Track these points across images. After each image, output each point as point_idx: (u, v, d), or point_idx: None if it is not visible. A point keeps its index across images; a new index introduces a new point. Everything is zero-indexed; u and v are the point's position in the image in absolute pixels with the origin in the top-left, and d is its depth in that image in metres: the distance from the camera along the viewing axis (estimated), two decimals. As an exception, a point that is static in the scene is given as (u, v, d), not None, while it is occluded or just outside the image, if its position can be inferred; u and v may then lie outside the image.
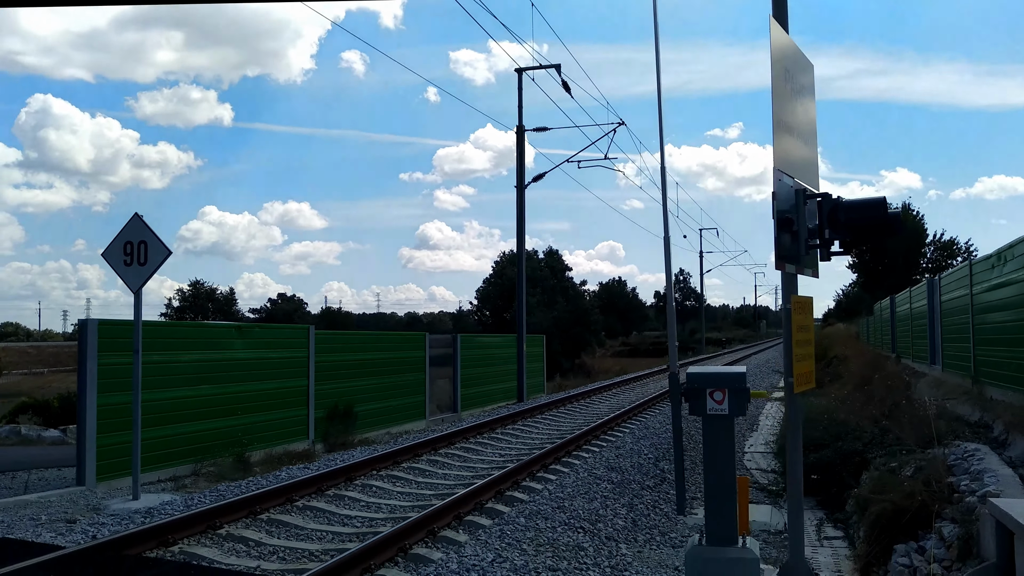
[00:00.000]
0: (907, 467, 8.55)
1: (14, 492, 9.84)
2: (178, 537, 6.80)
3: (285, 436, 13.76)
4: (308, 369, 14.54)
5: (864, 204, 5.08)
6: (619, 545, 7.80)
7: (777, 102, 4.93)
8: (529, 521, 7.87)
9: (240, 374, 12.85)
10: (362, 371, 16.24)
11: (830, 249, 5.52)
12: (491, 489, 8.79)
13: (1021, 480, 8.11)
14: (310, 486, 8.78)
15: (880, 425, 10.43)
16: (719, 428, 6.32)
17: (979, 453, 8.16)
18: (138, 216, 9.94)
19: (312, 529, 7.57)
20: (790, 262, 5.09)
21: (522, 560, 6.66)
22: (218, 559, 6.48)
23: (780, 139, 4.95)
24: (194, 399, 11.87)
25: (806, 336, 5.39)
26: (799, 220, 5.04)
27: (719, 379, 6.26)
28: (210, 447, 11.78)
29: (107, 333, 10.44)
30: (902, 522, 7.53)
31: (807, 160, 5.60)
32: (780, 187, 4.99)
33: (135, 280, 9.77)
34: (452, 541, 7.11)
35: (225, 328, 14.16)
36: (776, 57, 4.96)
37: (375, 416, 16.37)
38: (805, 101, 5.61)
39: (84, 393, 10.17)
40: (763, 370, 33.94)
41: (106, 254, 9.88)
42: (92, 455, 10.08)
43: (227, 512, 7.53)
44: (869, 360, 19.29)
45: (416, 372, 18.30)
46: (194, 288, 69.54)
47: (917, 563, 7.07)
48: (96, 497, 9.57)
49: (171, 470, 11.14)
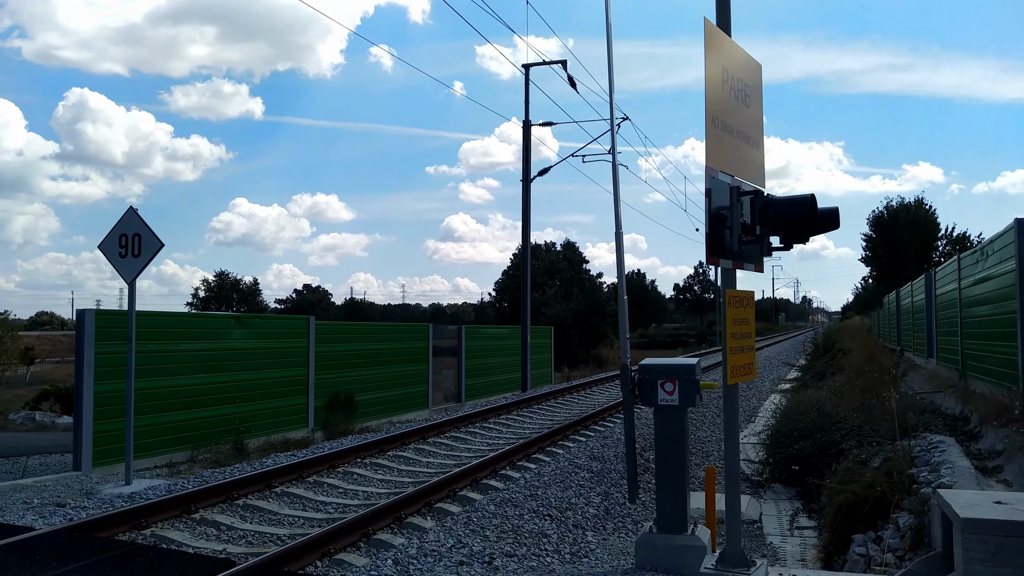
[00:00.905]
0: (876, 459, 8.63)
1: (13, 476, 10.22)
2: (152, 521, 7.07)
3: (284, 424, 14.08)
4: (308, 359, 14.84)
5: (791, 201, 5.21)
6: (586, 533, 7.97)
7: (711, 102, 5.06)
8: (498, 509, 8.07)
9: (238, 363, 13.17)
10: (364, 361, 16.53)
11: (771, 245, 5.67)
12: (467, 477, 8.99)
13: (980, 472, 8.19)
14: (291, 472, 9.04)
15: (860, 417, 10.48)
16: (670, 418, 6.50)
17: (943, 445, 8.23)
18: (133, 209, 10.24)
19: (285, 515, 7.83)
20: (724, 257, 5.23)
21: (481, 546, 6.86)
22: (187, 542, 6.74)
23: (714, 138, 5.08)
24: (192, 387, 12.21)
25: (744, 329, 5.52)
26: (732, 217, 5.17)
27: (670, 370, 6.44)
28: (207, 434, 12.12)
29: (104, 323, 10.78)
30: (862, 513, 7.64)
31: (749, 159, 5.71)
32: (714, 184, 5.13)
33: (129, 271, 10.07)
34: (417, 527, 7.33)
35: (224, 318, 14.48)
36: (711, 58, 5.08)
37: (377, 405, 16.66)
38: (748, 101, 5.71)
39: (81, 381, 10.52)
40: (773, 362, 33.83)
41: (102, 246, 10.20)
42: (88, 441, 10.44)
43: (204, 497, 7.80)
44: (868, 353, 19.24)
45: (419, 363, 18.57)
46: (219, 279, 70.48)
47: (872, 552, 7.19)
48: (91, 482, 9.91)
49: (167, 456, 11.49)
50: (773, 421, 13.91)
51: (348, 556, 6.44)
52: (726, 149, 5.25)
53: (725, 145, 5.22)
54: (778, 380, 27.77)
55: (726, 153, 5.25)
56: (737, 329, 5.38)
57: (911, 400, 11.25)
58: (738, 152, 5.48)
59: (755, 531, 9.33)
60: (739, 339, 5.39)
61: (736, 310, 5.39)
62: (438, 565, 6.24)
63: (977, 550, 5.18)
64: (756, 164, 5.83)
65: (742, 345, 5.47)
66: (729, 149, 5.31)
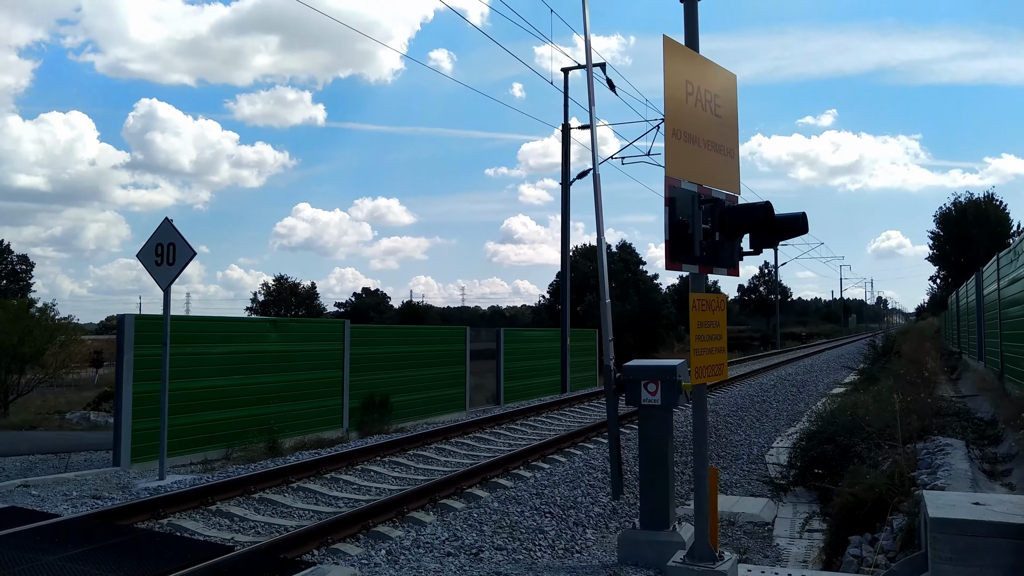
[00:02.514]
0: (885, 462, 8.57)
1: (57, 471, 10.86)
2: (170, 511, 7.52)
3: (319, 424, 14.56)
4: (343, 361, 15.31)
5: (746, 208, 5.34)
6: (586, 530, 8.14)
7: (671, 115, 5.22)
8: (502, 506, 8.30)
9: (273, 366, 13.69)
10: (399, 364, 16.93)
11: (742, 250, 5.80)
12: (477, 475, 9.25)
13: (988, 475, 8.09)
14: (309, 469, 9.43)
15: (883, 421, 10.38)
16: (653, 418, 6.67)
17: (949, 448, 8.15)
18: (168, 220, 10.81)
19: (297, 508, 8.21)
20: (688, 262, 5.38)
21: (474, 539, 7.11)
22: (199, 531, 7.16)
23: (675, 149, 5.24)
24: (227, 388, 12.76)
25: (712, 331, 5.64)
26: (695, 224, 5.32)
27: (653, 371, 6.62)
28: (242, 433, 12.64)
29: (142, 327, 11.37)
30: (860, 515, 7.64)
31: (721, 167, 5.81)
32: (678, 193, 5.29)
33: (164, 278, 10.63)
34: (417, 521, 7.61)
35: (259, 322, 15.07)
36: (671, 73, 5.24)
37: (413, 407, 17.05)
38: (720, 112, 5.82)
39: (121, 382, 11.13)
40: (832, 366, 33.16)
41: (140, 255, 10.79)
42: (127, 438, 11.03)
43: (222, 490, 8.24)
44: (915, 357, 18.82)
45: (456, 365, 18.91)
46: (279, 283, 72.39)
47: (866, 554, 7.20)
48: (128, 477, 10.49)
49: (203, 454, 12.02)
50: (806, 425, 13.82)
51: (345, 546, 6.76)
52: (690, 159, 5.38)
53: (688, 155, 5.35)
54: (833, 384, 27.25)
55: (690, 163, 5.37)
56: (703, 331, 5.51)
57: (938, 404, 11.06)
58: (706, 161, 5.60)
59: (766, 533, 9.35)
60: (705, 340, 5.51)
61: (703, 313, 5.52)
62: (426, 556, 6.51)
63: (945, 549, 5.22)
64: (729, 172, 5.92)
65: (709, 347, 5.59)
66: (694, 159, 5.44)
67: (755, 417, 17.08)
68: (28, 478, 9.98)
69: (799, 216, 5.60)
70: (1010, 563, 5.03)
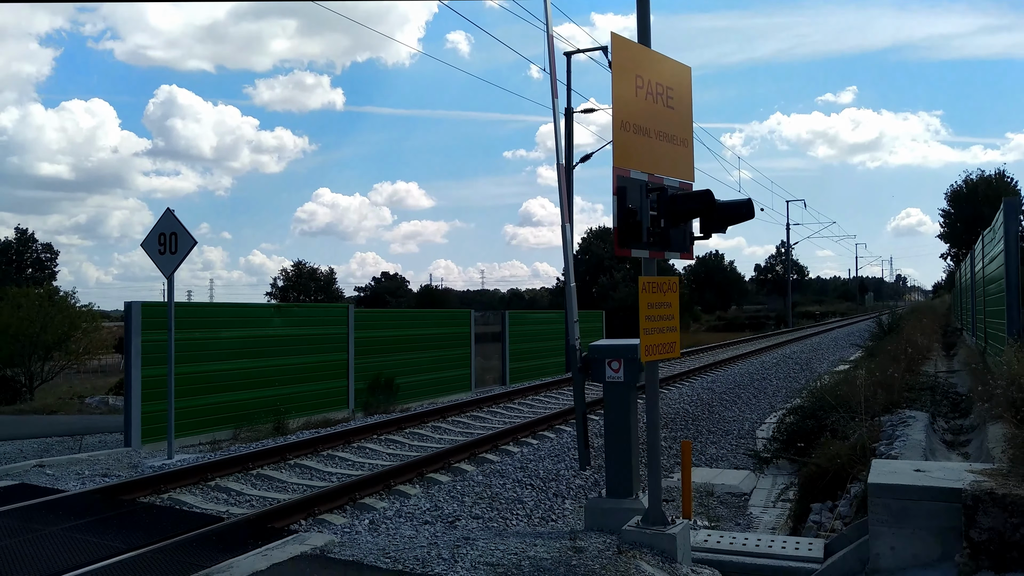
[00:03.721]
0: (855, 433, 8.91)
1: (72, 451, 11.44)
2: (171, 487, 8.03)
3: (325, 406, 15.08)
4: (348, 344, 15.81)
5: (688, 196, 5.70)
6: (564, 501, 8.58)
7: (619, 109, 5.56)
8: (485, 479, 8.75)
9: (279, 349, 14.20)
10: (404, 346, 17.42)
11: (693, 235, 6.16)
12: (465, 451, 9.70)
13: (948, 445, 8.42)
14: (307, 447, 9.93)
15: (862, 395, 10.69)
16: (616, 393, 7.07)
17: (912, 421, 8.47)
18: (170, 211, 11.29)
19: (293, 483, 8.70)
20: (637, 247, 5.75)
21: (453, 509, 7.56)
22: (197, 504, 7.65)
23: (623, 140, 5.59)
24: (234, 371, 13.29)
25: (661, 312, 6.00)
26: (643, 211, 5.69)
27: (615, 350, 7.02)
28: (249, 414, 13.17)
29: (149, 313, 11.90)
30: (823, 484, 8.00)
31: (675, 157, 6.14)
32: (628, 182, 5.65)
33: (168, 266, 11.13)
34: (403, 493, 8.07)
35: (264, 307, 15.57)
36: (619, 69, 5.58)
37: (419, 388, 17.53)
38: (673, 103, 6.14)
39: (130, 366, 11.68)
40: (841, 344, 33.29)
41: (144, 244, 11.29)
42: (137, 420, 11.58)
43: (222, 467, 8.74)
44: (912, 334, 19.02)
45: (461, 347, 19.37)
46: (297, 268, 73.25)
47: (825, 520, 7.59)
48: (138, 457, 11.04)
49: (211, 435, 12.57)
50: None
51: (331, 516, 7.23)
52: (640, 149, 5.72)
53: (638, 146, 5.70)
54: (838, 361, 27.42)
55: (640, 153, 5.72)
56: (653, 312, 5.87)
57: (915, 379, 11.36)
58: (659, 151, 5.93)
59: (742, 503, 9.74)
60: (655, 321, 5.88)
61: (653, 295, 5.88)
62: (405, 525, 6.97)
63: (882, 512, 5.59)
64: (683, 161, 6.25)
65: (659, 326, 5.95)
66: (644, 149, 5.78)
67: (752, 394, 17.42)
68: (44, 458, 10.54)
69: (744, 202, 5.94)
70: (941, 525, 5.38)
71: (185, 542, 5.82)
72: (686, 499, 8.88)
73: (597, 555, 5.52)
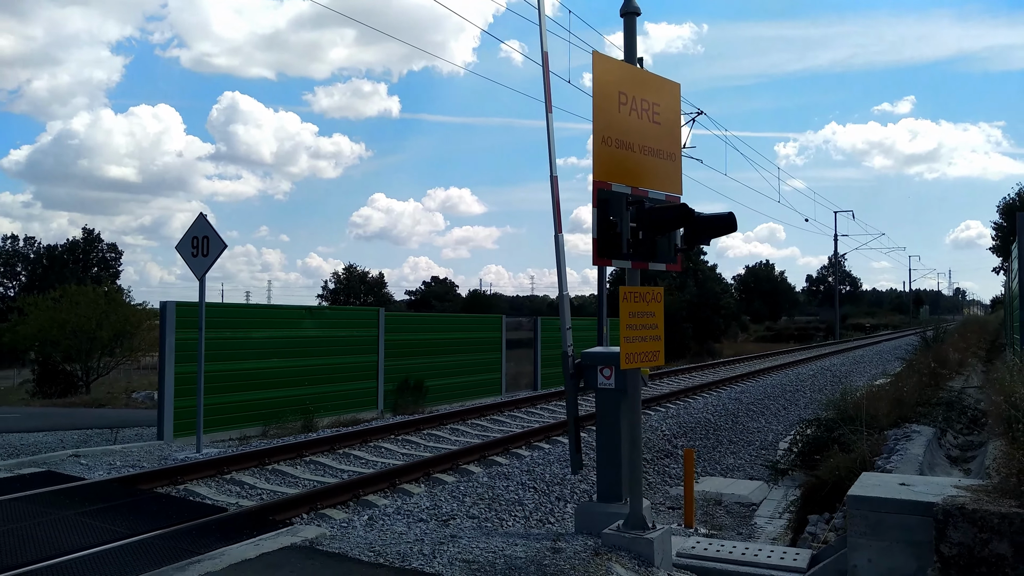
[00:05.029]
0: (859, 447, 8.89)
1: (108, 443, 12.00)
2: (187, 478, 8.43)
3: (354, 406, 15.48)
4: (378, 346, 16.19)
5: (663, 209, 5.85)
6: (566, 505, 8.73)
7: (600, 124, 5.75)
8: (490, 480, 8.96)
9: (310, 350, 14.65)
10: (435, 349, 17.77)
11: (677, 246, 6.31)
12: (475, 453, 9.93)
13: (952, 461, 8.36)
14: (324, 444, 10.27)
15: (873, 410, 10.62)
16: (608, 400, 7.23)
17: (915, 435, 8.44)
18: (202, 215, 11.78)
19: (305, 479, 9.03)
20: (617, 258, 5.92)
21: (451, 508, 7.79)
22: (209, 495, 8.03)
23: (604, 155, 5.77)
24: (265, 370, 13.76)
25: (645, 321, 6.15)
26: (622, 223, 5.86)
27: (607, 357, 7.19)
28: (279, 412, 13.61)
29: (183, 313, 12.41)
30: (822, 495, 8.03)
31: (660, 171, 6.28)
32: (609, 195, 5.83)
33: (199, 268, 11.61)
34: (406, 492, 8.33)
35: (296, 309, 16.02)
36: (600, 85, 5.77)
37: (448, 391, 17.84)
38: (659, 119, 6.29)
39: (164, 362, 12.20)
40: (885, 357, 32.65)
41: (178, 247, 11.79)
42: (170, 415, 12.10)
43: (239, 461, 9.13)
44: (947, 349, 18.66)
45: (492, 352, 19.65)
46: (348, 272, 74.54)
47: (819, 531, 7.62)
48: (169, 450, 11.52)
49: (241, 431, 13.03)
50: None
51: (332, 511, 7.53)
52: (622, 164, 5.89)
53: (620, 160, 5.87)
54: (879, 375, 26.96)
55: (622, 167, 5.89)
56: (635, 321, 6.03)
57: (933, 394, 11.24)
58: (643, 165, 6.09)
59: (748, 513, 9.77)
60: (636, 329, 6.03)
61: (635, 304, 6.04)
62: (400, 522, 7.22)
63: (860, 524, 5.67)
64: (669, 174, 6.38)
65: (643, 335, 6.10)
66: (628, 164, 5.94)
67: (781, 406, 17.29)
68: (80, 449, 11.10)
69: (725, 215, 6.07)
70: (916, 539, 5.43)
71: (187, 530, 6.16)
72: (688, 507, 9.00)
73: (572, 556, 5.68)
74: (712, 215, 5.99)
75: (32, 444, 12.47)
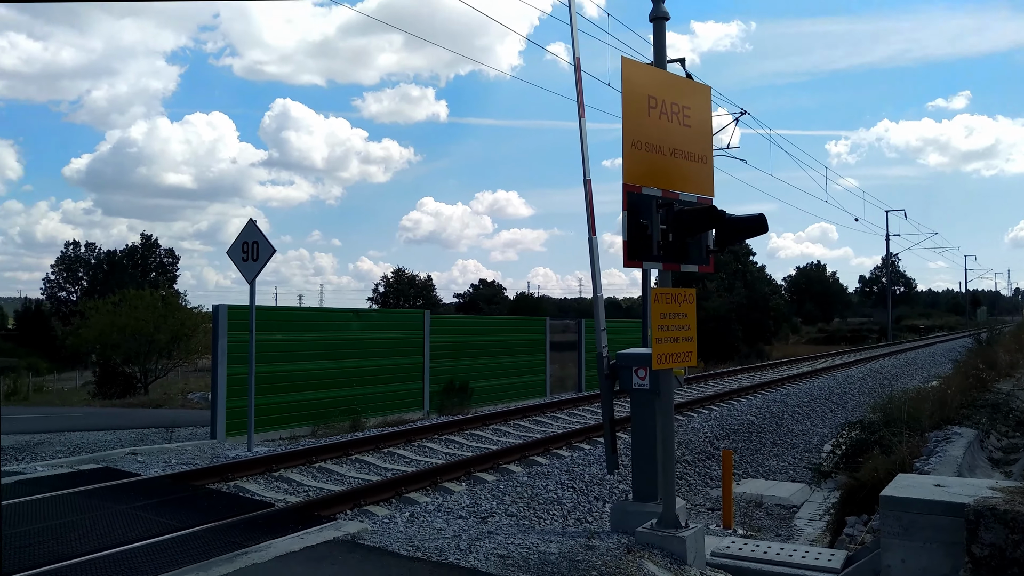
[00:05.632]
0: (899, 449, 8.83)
1: (164, 441, 12.46)
2: (237, 475, 8.76)
3: (401, 406, 15.78)
4: (423, 348, 16.48)
5: (694, 211, 5.93)
6: (605, 504, 8.84)
7: (629, 128, 5.87)
8: (530, 480, 9.11)
9: (357, 351, 14.99)
10: (480, 351, 18.01)
11: (708, 248, 6.39)
12: (516, 452, 10.10)
13: (993, 463, 8.25)
14: (369, 444, 10.55)
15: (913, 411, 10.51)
16: (642, 400, 7.34)
17: (956, 437, 8.35)
18: (252, 221, 12.17)
19: (350, 476, 9.31)
20: (648, 260, 6.03)
21: (490, 506, 7.96)
22: (257, 492, 8.33)
23: (633, 158, 5.89)
24: (314, 371, 14.14)
25: (677, 322, 6.25)
26: (653, 225, 5.97)
27: (642, 358, 7.30)
28: (327, 412, 13.98)
29: (235, 316, 12.83)
30: (861, 497, 8.01)
31: (692, 173, 6.37)
32: (636, 198, 5.95)
33: (249, 272, 12.00)
34: (447, 490, 8.54)
35: (343, 312, 16.40)
36: (629, 89, 5.90)
37: (493, 392, 18.06)
38: (690, 121, 6.38)
39: (217, 365, 12.63)
40: (938, 359, 31.91)
41: (229, 252, 12.20)
42: (223, 414, 12.52)
43: (287, 459, 9.44)
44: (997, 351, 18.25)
45: (536, 354, 19.81)
46: (397, 275, 75.43)
47: (857, 533, 7.62)
48: (222, 448, 11.93)
49: (291, 430, 13.42)
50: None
51: (375, 508, 7.77)
52: (652, 167, 5.99)
53: (649, 163, 5.97)
54: (931, 377, 26.40)
55: (652, 170, 5.99)
56: (667, 322, 6.13)
57: (979, 396, 11.06)
58: (673, 168, 6.19)
59: (789, 515, 9.76)
60: (668, 331, 6.13)
61: (666, 305, 6.14)
62: (439, 519, 7.42)
63: (892, 525, 5.70)
64: (701, 177, 6.46)
65: (674, 336, 6.20)
66: (657, 167, 6.04)
67: (827, 408, 17.11)
68: (137, 447, 11.56)
69: (756, 217, 6.14)
70: (949, 539, 5.45)
71: (235, 524, 6.45)
72: (726, 508, 9.04)
73: (604, 553, 5.81)
74: (743, 216, 6.06)
75: (92, 442, 12.98)
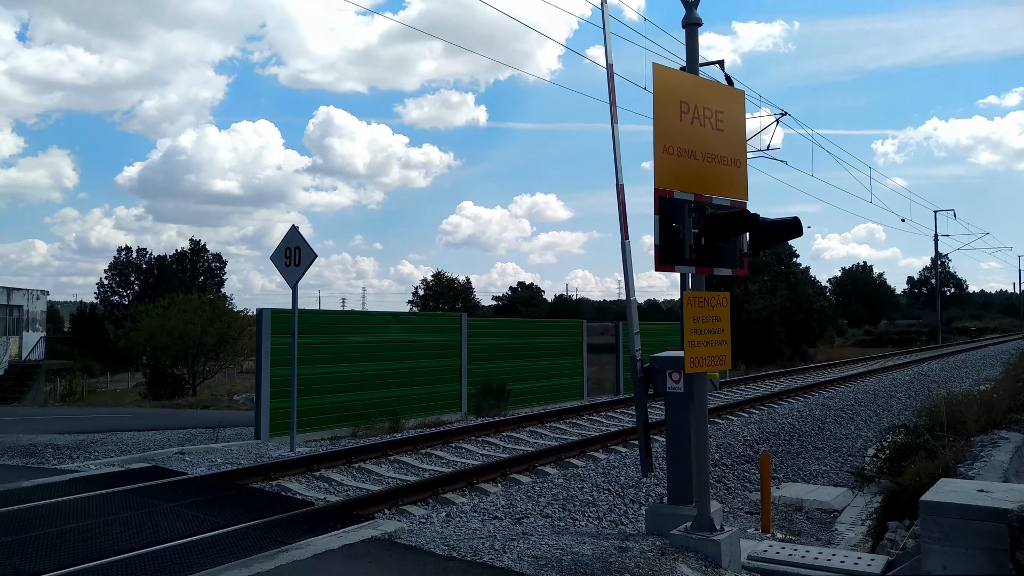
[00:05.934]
0: (943, 453, 8.68)
1: (210, 441, 12.75)
2: (280, 475, 8.95)
3: (439, 408, 15.94)
4: (461, 351, 16.62)
5: (726, 215, 5.94)
6: (641, 507, 8.84)
7: (661, 133, 5.91)
8: (566, 481, 9.16)
9: (396, 354, 15.18)
10: (517, 353, 18.10)
11: (743, 251, 6.38)
12: (552, 455, 10.15)
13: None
14: (408, 444, 10.69)
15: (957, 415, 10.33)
16: (676, 404, 7.36)
17: (1003, 442, 8.21)
18: (295, 227, 12.42)
19: (389, 476, 9.44)
20: (680, 264, 6.05)
21: (526, 507, 8.03)
22: (299, 491, 8.51)
23: (665, 163, 5.92)
24: (354, 374, 14.35)
25: (711, 326, 6.26)
26: (685, 229, 5.99)
27: (675, 362, 7.32)
28: (367, 413, 14.17)
29: (277, 319, 13.08)
30: (902, 501, 7.91)
31: (725, 177, 6.37)
32: (668, 202, 5.97)
33: (292, 277, 12.24)
34: (483, 491, 8.63)
35: (382, 315, 16.58)
36: (661, 95, 5.93)
37: (530, 394, 18.13)
38: (723, 126, 6.39)
39: (260, 367, 12.89)
40: (989, 363, 31.13)
41: (272, 257, 12.46)
42: (266, 416, 12.77)
43: (327, 459, 9.62)
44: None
45: (573, 356, 19.83)
46: (436, 278, 75.96)
47: (899, 538, 7.53)
48: (265, 448, 12.17)
49: (332, 431, 13.63)
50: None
51: (412, 507, 7.89)
52: (684, 171, 6.01)
53: (681, 168, 5.99)
54: (981, 381, 25.80)
55: (684, 175, 6.01)
56: (699, 326, 6.14)
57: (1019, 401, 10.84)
58: (706, 172, 6.21)
59: (830, 519, 9.66)
60: (701, 334, 6.14)
61: (698, 309, 6.15)
62: (475, 519, 7.51)
63: (933, 530, 5.65)
64: (734, 181, 6.46)
65: (708, 339, 6.20)
66: (690, 171, 6.07)
67: (872, 412, 16.84)
68: (185, 447, 11.85)
69: (790, 220, 6.11)
70: (991, 545, 5.38)
71: (277, 522, 6.61)
72: (764, 511, 8.99)
73: (638, 555, 5.84)
74: (777, 220, 6.04)
75: (142, 442, 13.33)
